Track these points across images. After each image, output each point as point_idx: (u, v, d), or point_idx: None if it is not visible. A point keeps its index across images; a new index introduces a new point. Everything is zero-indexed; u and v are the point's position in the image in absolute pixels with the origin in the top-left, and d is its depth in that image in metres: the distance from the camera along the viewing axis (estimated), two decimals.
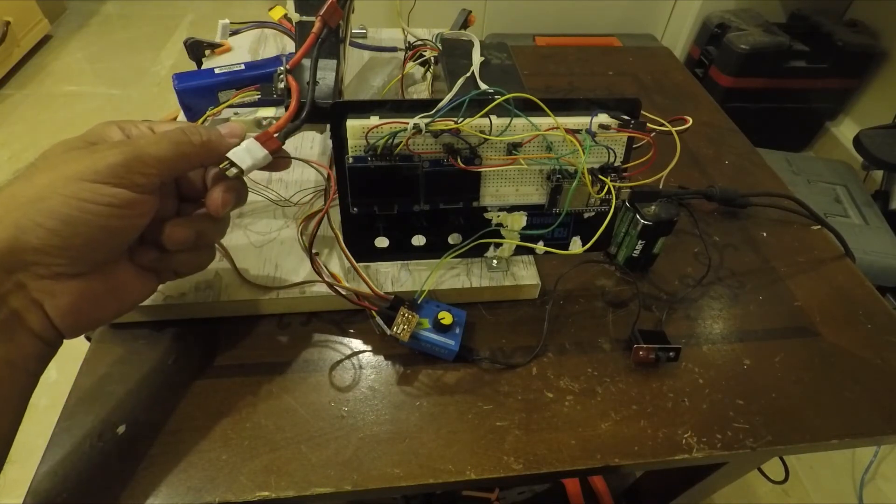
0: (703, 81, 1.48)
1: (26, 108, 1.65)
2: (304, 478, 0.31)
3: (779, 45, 1.39)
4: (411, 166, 0.34)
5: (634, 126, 0.34)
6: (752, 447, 0.34)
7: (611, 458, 0.33)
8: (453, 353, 0.36)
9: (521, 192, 0.37)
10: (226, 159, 0.30)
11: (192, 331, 0.38)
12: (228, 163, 0.30)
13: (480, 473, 0.32)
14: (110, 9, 2.15)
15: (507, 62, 0.46)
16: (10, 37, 1.66)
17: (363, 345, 0.38)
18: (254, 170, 0.31)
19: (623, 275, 0.44)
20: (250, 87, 0.41)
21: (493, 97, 0.32)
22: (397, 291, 0.38)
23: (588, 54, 0.72)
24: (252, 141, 0.32)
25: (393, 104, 0.33)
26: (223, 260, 0.39)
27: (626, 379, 0.37)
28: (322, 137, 0.50)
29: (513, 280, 0.40)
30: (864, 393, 0.37)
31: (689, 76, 0.70)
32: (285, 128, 0.33)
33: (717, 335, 0.40)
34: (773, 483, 0.61)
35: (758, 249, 0.47)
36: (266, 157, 0.32)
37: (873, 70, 1.48)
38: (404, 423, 0.34)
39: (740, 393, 0.37)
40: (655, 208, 0.41)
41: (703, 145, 0.58)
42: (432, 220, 0.38)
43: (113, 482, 0.30)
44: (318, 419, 0.34)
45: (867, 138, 1.11)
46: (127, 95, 1.73)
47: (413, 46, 0.52)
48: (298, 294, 0.38)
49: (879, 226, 1.08)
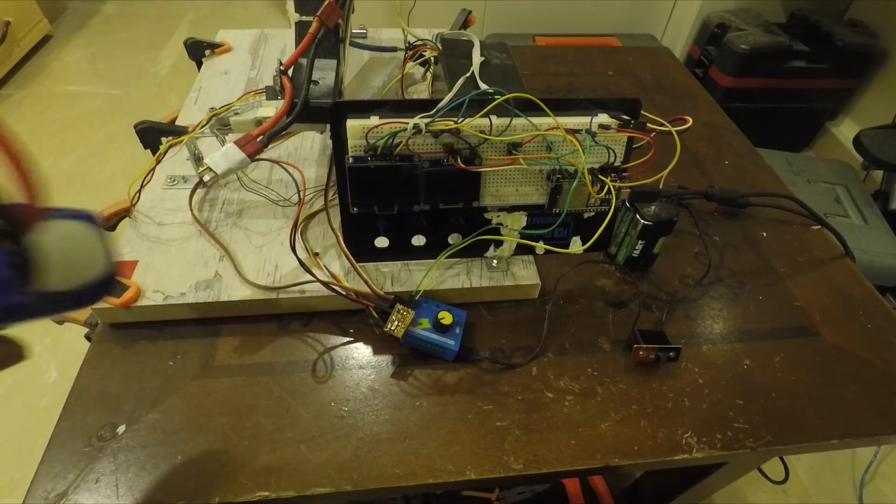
0: (703, 81, 1.48)
1: (26, 108, 1.65)
2: (304, 478, 0.31)
3: (779, 45, 1.39)
4: (411, 166, 0.34)
5: (634, 126, 0.34)
6: (752, 447, 0.34)
7: (611, 458, 0.33)
8: (453, 353, 0.36)
9: (521, 192, 0.37)
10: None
11: (192, 331, 0.38)
12: (205, 168, 0.30)
13: (480, 473, 0.32)
14: (110, 9, 2.15)
15: (507, 62, 0.46)
16: (10, 37, 1.66)
17: (363, 345, 0.38)
18: (230, 174, 0.32)
19: (623, 275, 0.44)
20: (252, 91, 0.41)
21: (493, 97, 0.32)
22: (397, 291, 0.38)
23: (588, 54, 0.72)
24: (231, 145, 0.32)
25: (393, 104, 0.33)
26: (223, 260, 0.39)
27: (626, 379, 0.37)
28: (322, 137, 0.50)
29: (513, 280, 0.40)
30: (864, 393, 0.37)
31: (689, 76, 0.70)
32: (271, 129, 0.33)
33: (717, 335, 0.40)
34: (773, 483, 0.61)
35: (758, 249, 0.47)
36: (244, 160, 0.32)
37: (873, 70, 1.47)
38: (404, 423, 0.34)
39: (740, 393, 0.37)
40: (655, 208, 0.41)
41: (703, 145, 0.58)
42: (432, 220, 0.38)
43: (113, 482, 0.30)
44: (318, 419, 0.34)
45: (867, 138, 1.11)
46: (127, 95, 1.73)
47: (413, 46, 0.52)
48: (298, 294, 0.38)
49: (879, 226, 1.08)
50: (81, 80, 1.78)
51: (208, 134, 0.40)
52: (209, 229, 0.41)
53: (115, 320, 0.38)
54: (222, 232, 0.42)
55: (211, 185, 0.45)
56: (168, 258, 0.39)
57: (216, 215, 0.43)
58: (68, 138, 1.55)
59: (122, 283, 0.36)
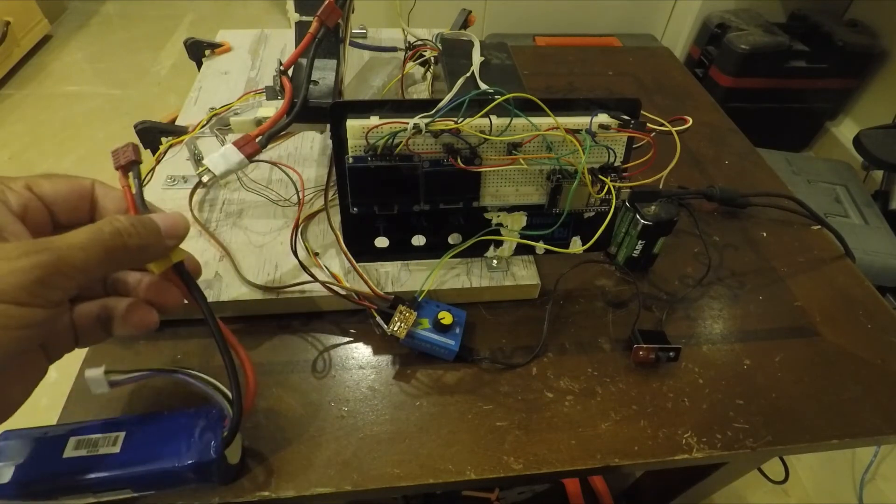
0: (703, 81, 1.48)
1: (26, 108, 1.65)
2: (304, 478, 0.31)
3: (779, 45, 1.39)
4: (411, 166, 0.34)
5: (634, 126, 0.34)
6: (752, 447, 0.34)
7: (611, 458, 0.33)
8: (453, 353, 0.36)
9: (521, 192, 0.37)
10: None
11: (193, 331, 0.38)
12: (204, 169, 0.30)
13: (480, 473, 0.32)
14: (110, 9, 2.15)
15: (507, 62, 0.46)
16: (10, 37, 1.66)
17: (363, 345, 0.38)
18: (228, 175, 0.31)
19: (623, 275, 0.44)
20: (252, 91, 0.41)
21: (493, 97, 0.32)
22: (397, 291, 0.38)
23: (588, 54, 0.72)
24: (230, 146, 0.32)
25: (393, 104, 0.33)
26: (223, 260, 0.39)
27: (626, 379, 0.37)
28: (322, 137, 0.50)
29: (513, 280, 0.40)
30: (864, 393, 0.37)
31: (689, 76, 0.70)
32: (270, 129, 0.33)
33: (717, 335, 0.40)
34: (773, 483, 0.61)
35: (758, 249, 0.47)
36: (242, 161, 0.32)
37: (873, 70, 1.47)
38: (404, 423, 0.34)
39: (740, 393, 0.37)
40: (655, 208, 0.41)
41: (703, 145, 0.58)
42: (432, 220, 0.38)
43: None
44: (318, 419, 0.34)
45: (867, 138, 1.11)
46: (127, 95, 1.73)
47: (413, 46, 0.52)
48: (298, 294, 0.38)
49: (879, 226, 1.08)
50: (81, 80, 1.78)
51: (208, 134, 0.40)
52: (209, 229, 0.41)
53: None
54: (222, 232, 0.42)
55: (211, 185, 0.45)
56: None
57: (216, 215, 0.43)
58: (68, 138, 1.55)
59: None
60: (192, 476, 0.27)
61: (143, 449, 0.27)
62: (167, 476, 0.27)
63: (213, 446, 0.27)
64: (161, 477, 0.27)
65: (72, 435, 0.27)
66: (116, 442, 0.27)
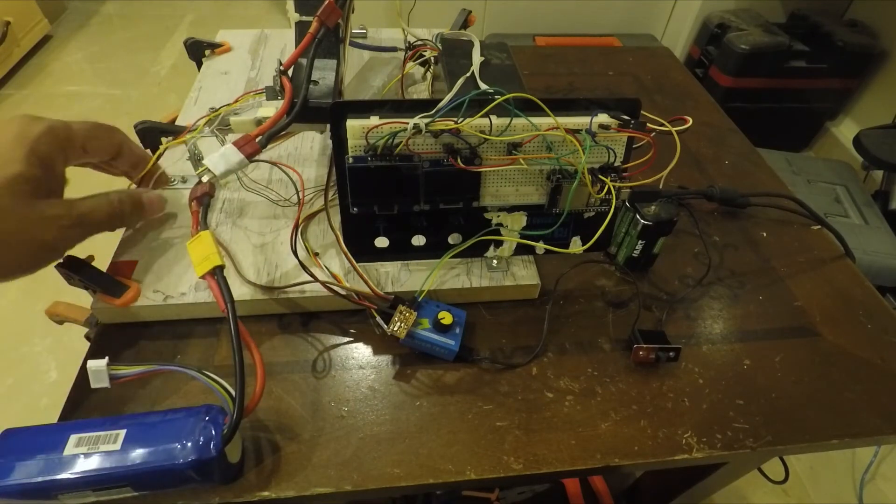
0: (703, 81, 1.48)
1: (26, 108, 1.65)
2: (304, 478, 0.31)
3: (779, 45, 1.39)
4: (411, 166, 0.34)
5: (634, 126, 0.34)
6: (752, 447, 0.34)
7: (611, 458, 0.33)
8: (453, 353, 0.36)
9: (521, 192, 0.37)
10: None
11: (192, 331, 0.38)
12: (204, 169, 0.30)
13: (480, 473, 0.32)
14: (110, 9, 2.15)
15: (507, 62, 0.46)
16: (10, 37, 1.66)
17: (363, 345, 0.38)
18: (228, 175, 0.32)
19: (623, 275, 0.44)
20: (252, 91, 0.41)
21: (493, 97, 0.32)
22: (397, 291, 0.38)
23: (588, 54, 0.72)
24: (230, 146, 0.32)
25: (393, 104, 0.33)
26: (223, 259, 0.39)
27: (626, 379, 0.37)
28: (322, 137, 0.50)
29: (513, 280, 0.40)
30: (864, 393, 0.37)
31: (689, 76, 0.70)
32: (270, 129, 0.33)
33: (717, 335, 0.40)
34: (773, 483, 0.61)
35: (758, 249, 0.47)
36: (242, 161, 0.32)
37: (873, 70, 1.48)
38: (404, 423, 0.34)
39: (740, 393, 0.37)
40: (655, 208, 0.41)
41: (703, 145, 0.58)
42: (432, 220, 0.38)
43: None
44: (318, 419, 0.34)
45: (867, 138, 1.11)
46: (127, 95, 1.73)
47: (413, 46, 0.52)
48: (298, 294, 0.38)
49: (879, 226, 1.08)
50: (81, 80, 1.78)
51: (208, 134, 0.40)
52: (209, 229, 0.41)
53: (115, 320, 0.38)
54: (222, 232, 0.42)
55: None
56: (168, 258, 0.39)
57: (216, 215, 0.43)
58: None
59: (122, 284, 0.36)
60: (193, 474, 0.27)
61: (143, 447, 0.27)
62: (167, 474, 0.27)
63: (213, 444, 0.27)
64: (161, 475, 0.27)
65: (72, 432, 0.27)
66: (117, 440, 0.27)
